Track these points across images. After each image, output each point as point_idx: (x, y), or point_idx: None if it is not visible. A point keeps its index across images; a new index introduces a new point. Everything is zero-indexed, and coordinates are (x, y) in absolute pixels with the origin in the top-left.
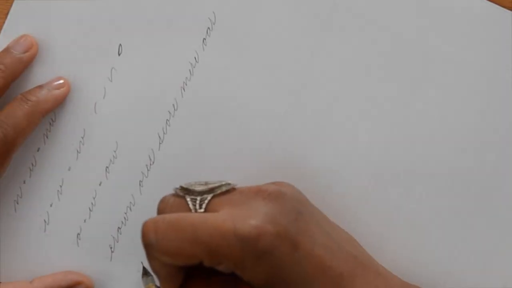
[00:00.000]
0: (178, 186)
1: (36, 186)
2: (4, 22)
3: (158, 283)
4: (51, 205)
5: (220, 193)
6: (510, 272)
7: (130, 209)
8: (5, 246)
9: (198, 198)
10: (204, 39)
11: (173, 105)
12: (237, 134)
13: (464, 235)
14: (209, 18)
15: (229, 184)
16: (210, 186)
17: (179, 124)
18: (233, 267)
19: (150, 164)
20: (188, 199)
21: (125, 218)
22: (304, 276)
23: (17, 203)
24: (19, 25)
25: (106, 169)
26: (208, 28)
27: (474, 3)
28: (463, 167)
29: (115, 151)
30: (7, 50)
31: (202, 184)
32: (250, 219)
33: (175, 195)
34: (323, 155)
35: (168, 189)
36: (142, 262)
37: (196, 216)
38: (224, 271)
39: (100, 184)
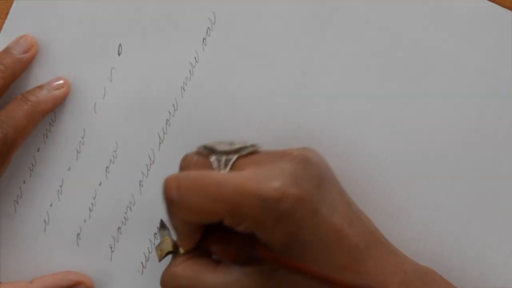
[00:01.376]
0: (200, 145)
1: (36, 186)
2: (4, 22)
3: (174, 238)
4: (51, 205)
5: (245, 154)
6: (510, 272)
7: (130, 209)
8: (5, 246)
9: (224, 157)
10: (204, 39)
11: (173, 105)
12: (237, 134)
13: (465, 235)
14: (209, 18)
15: (254, 145)
16: (236, 146)
17: (179, 124)
18: (252, 227)
19: (150, 164)
20: (213, 158)
21: (125, 218)
22: (321, 241)
23: (17, 203)
24: (19, 25)
25: (106, 169)
26: (208, 28)
27: (474, 3)
28: (463, 166)
29: (115, 151)
30: (7, 50)
31: (226, 144)
32: (274, 180)
33: (199, 153)
34: (323, 154)
35: None
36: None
37: (220, 174)
38: (243, 231)
39: (100, 184)
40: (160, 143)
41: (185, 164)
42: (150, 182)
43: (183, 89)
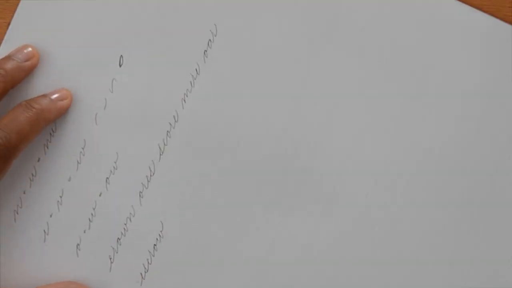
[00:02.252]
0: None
1: (36, 196)
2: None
3: None
4: (51, 216)
5: None
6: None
7: (130, 220)
8: (5, 256)
9: None
10: (205, 51)
11: (174, 116)
12: (237, 146)
13: (466, 242)
14: (210, 30)
15: None
16: None
17: (180, 136)
18: None
19: (150, 175)
20: None
21: (124, 229)
22: None
23: (17, 213)
24: (21, 35)
25: (106, 180)
26: (210, 40)
27: (475, 17)
28: (461, 178)
29: (115, 162)
30: (8, 56)
31: None
32: None
33: None
34: (324, 166)
35: (168, 201)
36: None
37: None
38: None
39: (100, 195)
40: (160, 155)
41: None
42: (150, 193)
43: (184, 100)
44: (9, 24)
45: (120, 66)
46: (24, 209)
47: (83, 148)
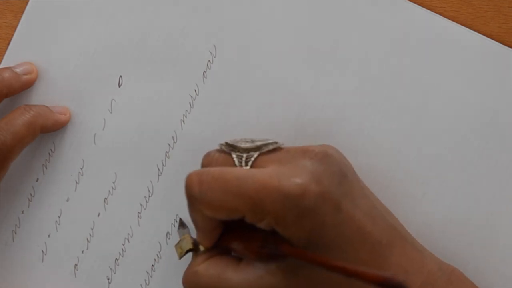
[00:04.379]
0: (223, 142)
1: (35, 216)
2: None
3: (193, 236)
4: (49, 236)
5: (266, 151)
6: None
7: (128, 240)
8: (2, 276)
9: (244, 155)
10: (205, 72)
11: (173, 137)
12: None
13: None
14: (209, 51)
15: (276, 142)
16: (257, 143)
17: (178, 157)
18: (274, 224)
19: (149, 196)
20: (234, 155)
21: (122, 249)
22: (343, 238)
23: (15, 233)
24: (21, 54)
25: (104, 201)
26: (209, 61)
27: (474, 41)
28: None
29: (114, 183)
30: (8, 67)
31: (248, 142)
32: (296, 177)
33: (220, 150)
34: None
35: (167, 221)
36: (177, 215)
37: (242, 171)
38: (264, 228)
39: (98, 215)
40: (159, 175)
41: (207, 160)
42: (149, 214)
43: (183, 121)
44: (8, 24)
45: (119, 86)
46: (23, 229)
47: (81, 169)
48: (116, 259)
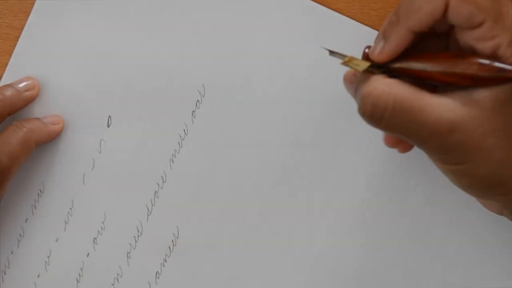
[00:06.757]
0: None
1: (24, 257)
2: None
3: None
4: (38, 276)
5: None
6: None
7: (118, 280)
8: None
9: None
10: (193, 111)
11: (162, 177)
12: (225, 206)
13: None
14: (198, 90)
15: None
16: None
17: (168, 196)
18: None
19: (138, 236)
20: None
21: None
22: None
23: (5, 274)
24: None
25: (94, 240)
26: (198, 100)
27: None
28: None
29: (103, 223)
30: (9, 84)
31: None
32: None
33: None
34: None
35: (156, 261)
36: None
37: None
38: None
39: (87, 255)
40: (148, 215)
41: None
42: (138, 254)
43: (172, 161)
44: (8, 24)
45: (108, 126)
46: (12, 270)
47: (70, 209)
48: None
